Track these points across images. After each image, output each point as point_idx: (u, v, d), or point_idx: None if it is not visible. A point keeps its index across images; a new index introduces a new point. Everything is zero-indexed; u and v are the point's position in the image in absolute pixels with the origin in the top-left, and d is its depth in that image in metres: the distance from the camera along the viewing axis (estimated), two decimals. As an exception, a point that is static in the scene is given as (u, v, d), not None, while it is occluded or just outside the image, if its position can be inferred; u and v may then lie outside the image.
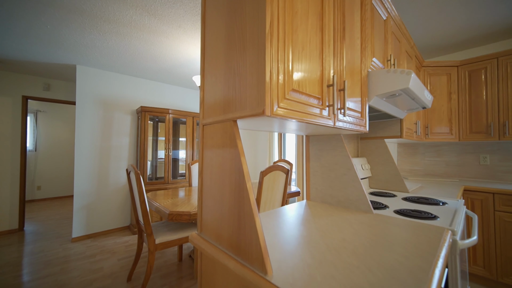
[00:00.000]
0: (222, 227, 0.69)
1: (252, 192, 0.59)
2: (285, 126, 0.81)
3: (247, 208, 0.59)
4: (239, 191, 0.62)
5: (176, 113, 3.43)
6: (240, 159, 0.62)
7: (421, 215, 1.04)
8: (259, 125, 0.79)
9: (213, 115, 0.74)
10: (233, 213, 0.64)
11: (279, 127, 0.87)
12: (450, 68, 2.24)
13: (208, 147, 0.77)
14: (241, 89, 0.63)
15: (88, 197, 2.92)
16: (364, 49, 1.08)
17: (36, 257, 2.36)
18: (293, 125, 0.78)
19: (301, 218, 1.00)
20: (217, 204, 0.71)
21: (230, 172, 0.65)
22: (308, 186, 1.32)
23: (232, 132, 0.65)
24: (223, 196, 0.69)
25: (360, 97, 1.03)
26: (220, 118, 0.71)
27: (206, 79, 0.80)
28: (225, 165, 0.68)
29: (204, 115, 0.79)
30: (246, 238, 0.59)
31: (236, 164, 0.63)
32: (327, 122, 0.78)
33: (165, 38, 2.17)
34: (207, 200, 0.77)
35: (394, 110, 1.43)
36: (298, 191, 2.56)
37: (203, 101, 0.81)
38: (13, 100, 3.13)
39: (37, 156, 4.97)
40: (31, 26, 1.94)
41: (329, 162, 1.22)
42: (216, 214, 0.72)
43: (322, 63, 0.77)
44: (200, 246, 0.74)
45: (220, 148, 0.70)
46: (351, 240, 0.74)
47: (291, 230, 0.84)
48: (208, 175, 0.76)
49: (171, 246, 1.84)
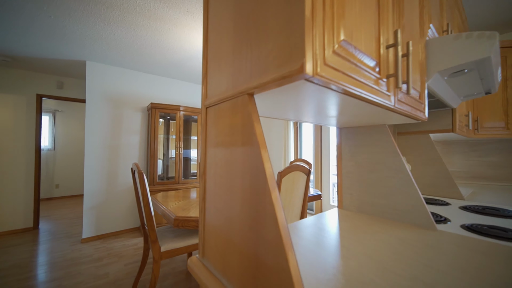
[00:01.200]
0: (231, 254, 0.46)
1: (280, 207, 0.35)
2: (321, 105, 0.56)
3: (271, 234, 0.35)
4: (257, 203, 0.39)
5: (187, 110, 3.28)
6: (259, 153, 0.38)
7: (506, 234, 0.75)
8: (282, 105, 0.56)
9: (219, 90, 0.52)
10: (247, 236, 0.41)
11: (308, 109, 0.63)
12: (507, 49, 1.86)
13: (213, 136, 0.54)
14: (259, 40, 0.39)
15: (97, 197, 2.84)
16: (422, 8, 0.80)
17: (44, 259, 2.29)
18: (333, 103, 0.54)
19: (337, 235, 0.75)
20: (224, 219, 0.49)
21: (243, 174, 0.42)
22: (340, 191, 1.06)
23: (246, 112, 0.42)
24: (232, 209, 0.46)
25: (419, 72, 0.76)
26: (229, 93, 0.48)
27: (210, 37, 0.57)
28: (236, 162, 0.45)
29: (208, 93, 0.57)
30: (268, 275, 0.36)
31: (253, 161, 0.40)
32: (384, 100, 0.53)
33: (173, 25, 2.00)
34: (211, 213, 0.54)
35: (450, 95, 1.13)
36: (318, 194, 2.29)
37: (206, 73, 0.58)
38: (27, 99, 3.13)
39: (56, 155, 5.07)
40: (33, 17, 1.84)
41: (368, 160, 0.96)
42: (222, 233, 0.49)
43: (379, 10, 0.51)
44: (201, 279, 0.51)
45: (229, 137, 0.48)
46: (426, 278, 0.48)
47: (329, 256, 0.60)
48: (212, 178, 0.54)
49: (178, 255, 1.65)
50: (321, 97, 0.46)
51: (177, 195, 2.15)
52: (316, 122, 0.87)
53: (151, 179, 2.99)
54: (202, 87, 0.59)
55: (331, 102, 0.51)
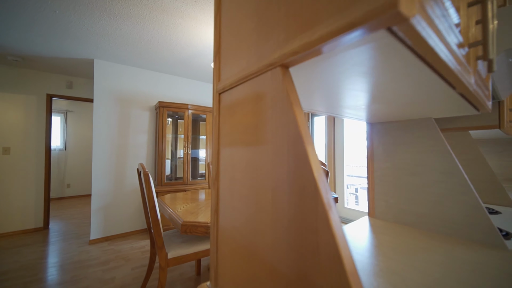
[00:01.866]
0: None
1: (345, 241, 0.21)
2: (376, 83, 0.42)
3: (329, 282, 0.22)
4: (302, 231, 0.25)
5: (196, 109, 3.19)
6: (305, 153, 0.25)
7: None
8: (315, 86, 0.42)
9: (238, 67, 0.39)
10: (285, 280, 0.28)
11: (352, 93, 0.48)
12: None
13: (228, 131, 0.41)
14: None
15: (105, 198, 2.79)
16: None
17: (51, 261, 2.24)
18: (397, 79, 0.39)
19: (378, 254, 0.60)
20: (246, 243, 0.35)
21: (276, 183, 0.29)
22: (371, 197, 0.91)
23: (279, 92, 0.29)
24: (258, 231, 0.32)
25: (485, 49, 0.60)
26: (251, 69, 0.34)
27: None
28: (263, 166, 0.31)
29: (221, 74, 0.44)
30: None
31: (293, 164, 0.27)
32: (466, 77, 0.38)
33: (180, 18, 1.89)
34: (227, 232, 0.41)
35: (505, 83, 0.95)
36: (335, 197, 2.13)
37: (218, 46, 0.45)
38: (37, 98, 3.13)
39: (67, 155, 5.12)
40: (37, 12, 1.79)
41: (409, 162, 0.80)
42: (242, 262, 0.36)
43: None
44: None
45: (252, 130, 0.34)
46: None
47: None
48: (228, 186, 0.41)
49: (186, 262, 1.54)
50: (385, 66, 0.32)
51: (185, 196, 2.04)
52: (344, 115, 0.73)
53: (159, 180, 2.92)
54: (213, 67, 0.46)
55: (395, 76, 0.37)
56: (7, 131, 2.94)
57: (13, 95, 2.98)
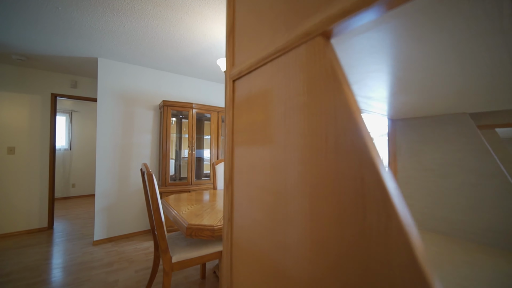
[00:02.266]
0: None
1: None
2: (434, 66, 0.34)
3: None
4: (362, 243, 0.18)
5: (200, 108, 3.13)
6: (364, 142, 0.18)
7: None
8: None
9: (257, 47, 0.31)
10: None
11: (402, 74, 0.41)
12: None
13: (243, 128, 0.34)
14: None
15: (109, 198, 2.75)
16: None
17: (55, 262, 2.21)
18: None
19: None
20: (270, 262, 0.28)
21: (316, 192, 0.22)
22: (394, 201, 0.83)
23: (321, 69, 0.22)
24: (289, 254, 0.25)
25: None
26: (278, 44, 0.27)
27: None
28: (299, 165, 0.24)
29: (236, 57, 0.37)
30: None
31: (346, 166, 0.19)
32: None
33: (185, 14, 1.83)
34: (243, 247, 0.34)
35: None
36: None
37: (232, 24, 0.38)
38: (42, 98, 3.12)
39: (72, 154, 5.14)
40: (40, 9, 1.75)
41: (439, 162, 0.72)
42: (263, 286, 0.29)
43: None
44: None
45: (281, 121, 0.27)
46: None
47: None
48: (245, 192, 0.33)
49: (191, 266, 1.48)
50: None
51: (190, 198, 1.98)
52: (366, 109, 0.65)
53: (163, 180, 2.87)
54: (226, 50, 0.39)
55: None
56: (12, 130, 2.93)
57: (18, 94, 2.97)
